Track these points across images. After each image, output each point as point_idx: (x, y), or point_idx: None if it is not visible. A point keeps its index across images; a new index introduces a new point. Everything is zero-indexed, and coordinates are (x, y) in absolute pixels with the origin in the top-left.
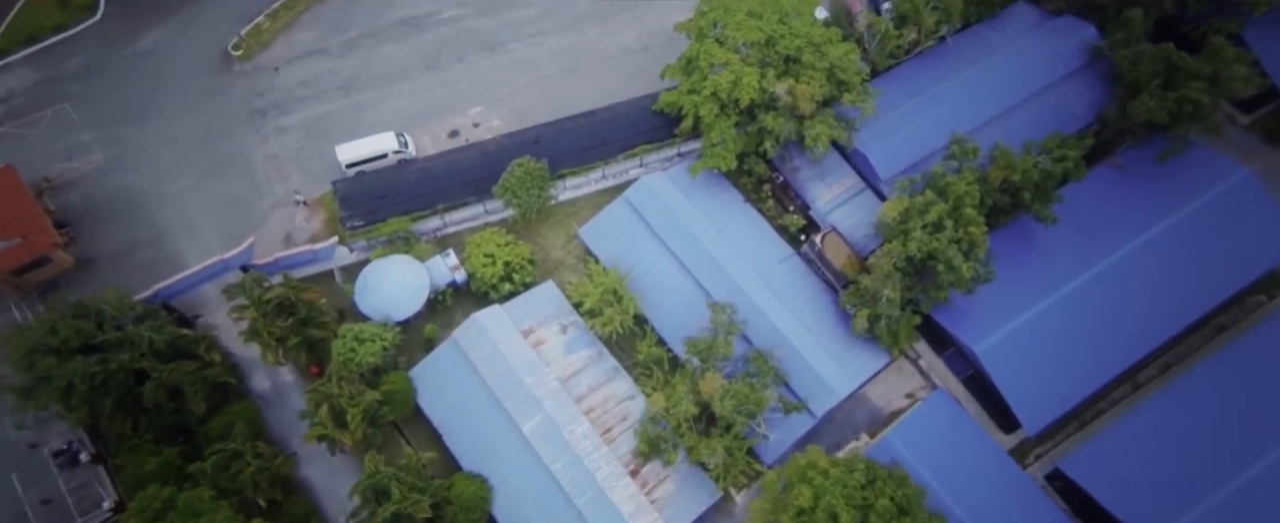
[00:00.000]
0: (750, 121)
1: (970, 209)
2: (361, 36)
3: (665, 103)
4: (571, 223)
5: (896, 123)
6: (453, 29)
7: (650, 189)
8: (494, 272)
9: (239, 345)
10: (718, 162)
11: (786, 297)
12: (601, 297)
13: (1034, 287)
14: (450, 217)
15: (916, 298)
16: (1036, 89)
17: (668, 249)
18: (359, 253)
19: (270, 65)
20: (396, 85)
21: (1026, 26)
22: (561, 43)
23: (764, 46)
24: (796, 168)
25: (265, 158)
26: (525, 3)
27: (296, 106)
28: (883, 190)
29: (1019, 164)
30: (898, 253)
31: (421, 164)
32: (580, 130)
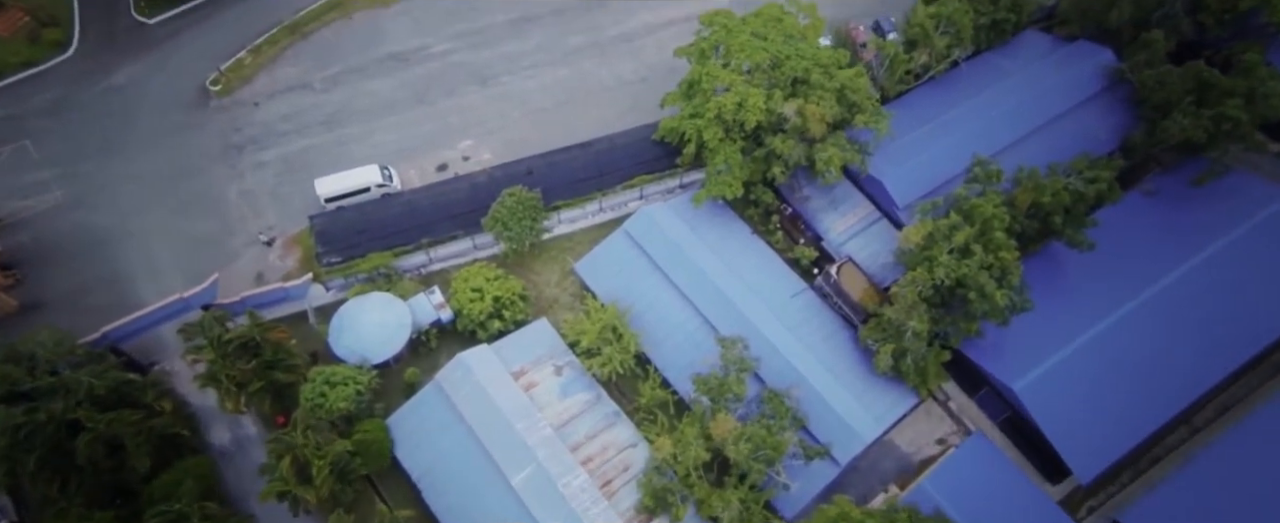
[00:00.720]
0: (757, 146)
1: (1000, 232)
2: (346, 72)
3: (666, 129)
4: (566, 258)
5: (911, 148)
6: (442, 63)
7: (651, 220)
8: (482, 308)
9: (197, 394)
10: (723, 189)
11: (802, 333)
12: (600, 334)
13: (1072, 319)
14: (436, 252)
15: (945, 331)
16: (1055, 114)
17: (671, 283)
18: (336, 292)
19: (250, 100)
20: (382, 119)
21: (1039, 53)
22: (556, 75)
23: (770, 69)
24: (806, 197)
25: (239, 194)
26: (519, 36)
27: (276, 141)
28: (900, 218)
29: (1048, 185)
30: (923, 281)
31: (406, 197)
32: (575, 161)
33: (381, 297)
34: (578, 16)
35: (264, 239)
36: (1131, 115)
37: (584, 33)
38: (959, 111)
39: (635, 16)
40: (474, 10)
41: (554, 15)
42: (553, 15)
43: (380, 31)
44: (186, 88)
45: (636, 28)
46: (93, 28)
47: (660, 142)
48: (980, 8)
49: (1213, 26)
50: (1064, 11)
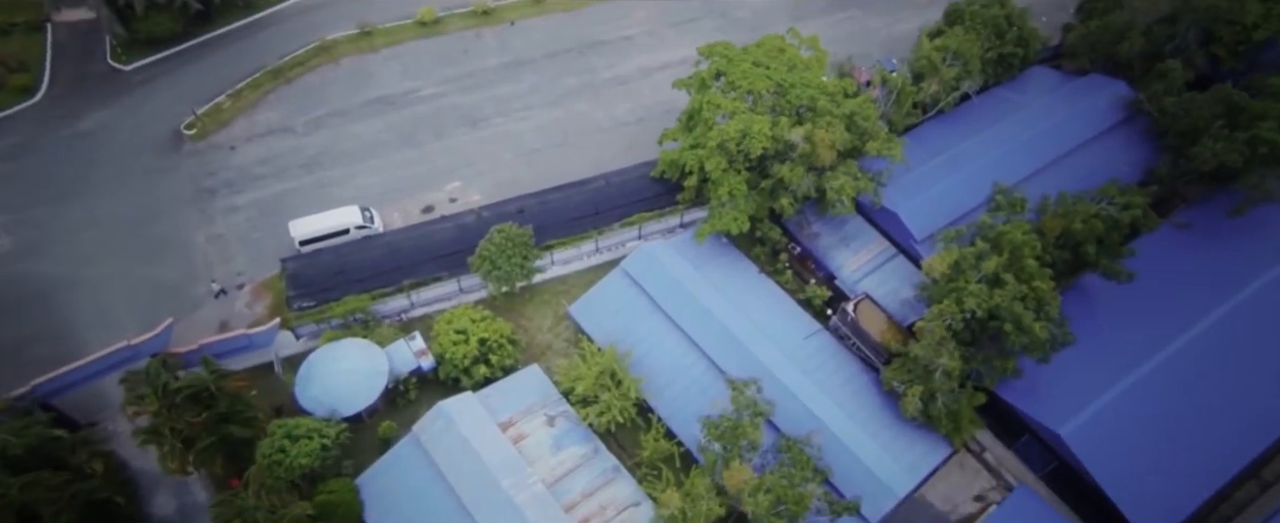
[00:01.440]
0: (762, 178)
1: (1032, 260)
2: (331, 115)
3: (666, 162)
4: (560, 302)
5: (925, 180)
6: (431, 106)
7: (651, 257)
8: (467, 352)
9: (142, 455)
10: (728, 223)
11: (819, 377)
12: (597, 380)
13: (1116, 358)
14: (419, 296)
15: (977, 371)
16: (1073, 145)
17: (674, 324)
18: (307, 340)
19: (226, 144)
20: (366, 162)
21: (1049, 87)
22: (549, 116)
23: (774, 96)
24: (815, 234)
25: (207, 239)
26: (511, 79)
27: (251, 185)
28: (918, 253)
29: (1079, 211)
30: (951, 314)
31: (388, 239)
32: (569, 200)
33: (355, 343)
34: (572, 60)
35: (216, 288)
36: (1152, 147)
37: (578, 75)
38: (973, 143)
39: (630, 60)
40: (465, 55)
41: (547, 59)
42: (546, 59)
43: (368, 76)
44: (158, 132)
45: (631, 71)
46: (63, 74)
47: (659, 178)
48: (986, 41)
49: (1227, 59)
50: (1072, 45)
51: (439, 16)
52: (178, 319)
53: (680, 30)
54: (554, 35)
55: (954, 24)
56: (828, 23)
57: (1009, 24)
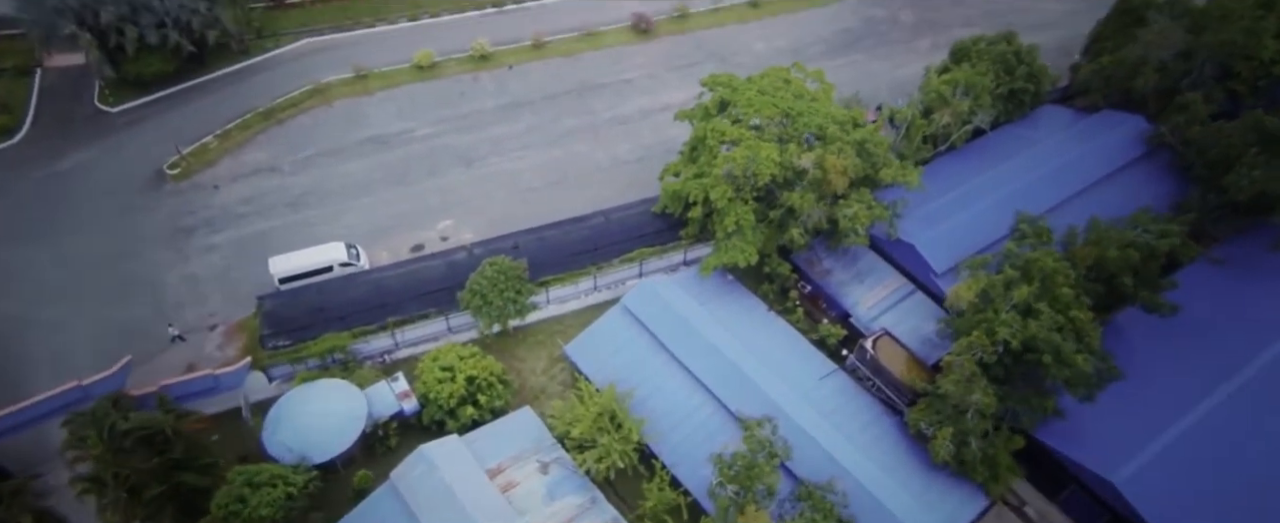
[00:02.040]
0: (771, 208)
1: (1067, 288)
2: (321, 155)
3: (668, 195)
4: (555, 343)
5: (941, 212)
6: (425, 146)
7: (654, 292)
8: (453, 391)
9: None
10: (735, 255)
11: (838, 420)
12: (595, 422)
13: (1168, 397)
14: (404, 336)
15: (1013, 410)
16: (1094, 179)
17: (679, 363)
18: (281, 381)
19: (209, 184)
20: (355, 200)
21: (1063, 124)
22: (547, 156)
23: (781, 124)
24: (827, 271)
25: (180, 279)
26: (508, 120)
27: (232, 224)
28: (938, 288)
29: (1114, 237)
30: (981, 346)
31: (374, 276)
32: (566, 237)
33: (332, 383)
34: (570, 101)
35: (173, 332)
36: (1177, 180)
37: (577, 116)
38: (989, 177)
39: (630, 101)
40: (462, 97)
41: (546, 100)
42: (545, 101)
43: (361, 117)
44: (140, 172)
45: (631, 112)
46: (47, 115)
47: (662, 214)
48: (996, 77)
49: (1246, 95)
50: (1084, 82)
51: (436, 61)
52: (141, 361)
53: (681, 74)
54: (553, 78)
55: (960, 62)
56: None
57: (1017, 60)
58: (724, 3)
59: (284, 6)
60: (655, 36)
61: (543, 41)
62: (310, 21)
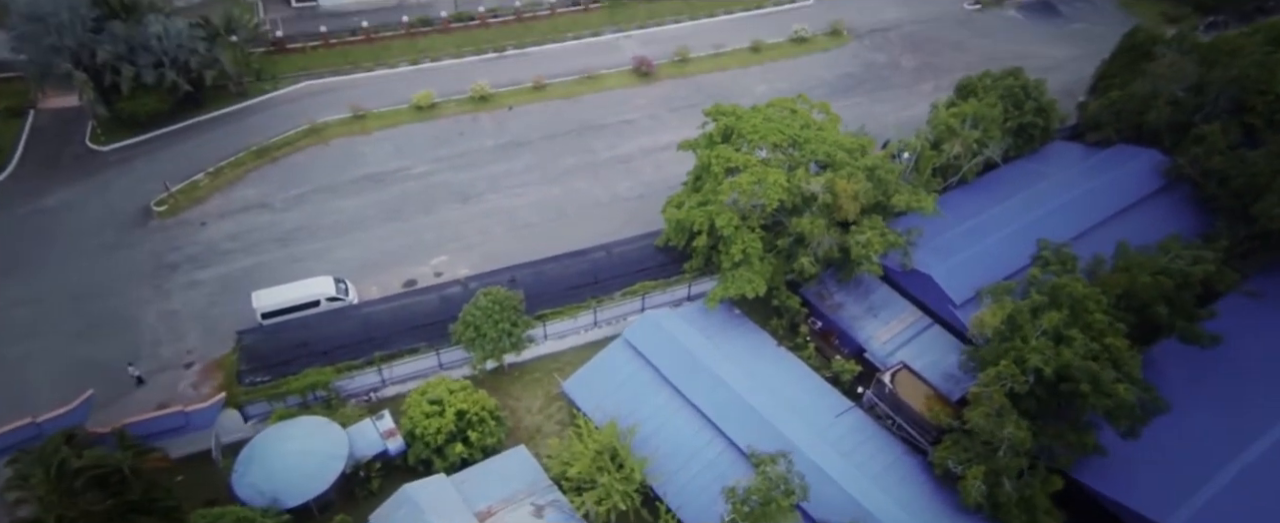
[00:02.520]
0: (779, 236)
1: (1100, 315)
2: (314, 191)
3: (672, 224)
4: (552, 381)
5: (957, 243)
6: (421, 183)
7: (657, 325)
8: (441, 426)
9: None
10: (742, 286)
11: (858, 459)
12: (594, 462)
13: (1218, 435)
14: (393, 372)
15: (1049, 448)
16: (1114, 210)
17: (685, 399)
18: (258, 421)
19: (197, 220)
20: (346, 236)
21: (1076, 158)
22: (546, 193)
23: (789, 150)
24: (838, 305)
25: (158, 316)
26: (507, 158)
27: (218, 260)
28: (958, 320)
29: (1145, 264)
30: (1011, 376)
31: (363, 311)
32: (566, 271)
33: (311, 420)
34: (571, 140)
35: (134, 373)
36: (1199, 213)
37: (577, 155)
38: (1005, 207)
39: (631, 141)
40: (460, 136)
41: (545, 140)
42: (544, 140)
43: (357, 155)
44: (126, 209)
45: (633, 150)
46: (36, 154)
47: (665, 247)
48: (1005, 111)
49: (1262, 129)
50: (1095, 116)
51: (435, 102)
52: (109, 401)
53: (682, 115)
54: (553, 119)
55: (967, 97)
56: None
57: (1025, 94)
58: (725, 48)
59: (284, 51)
60: (656, 80)
61: (543, 84)
62: (310, 66)
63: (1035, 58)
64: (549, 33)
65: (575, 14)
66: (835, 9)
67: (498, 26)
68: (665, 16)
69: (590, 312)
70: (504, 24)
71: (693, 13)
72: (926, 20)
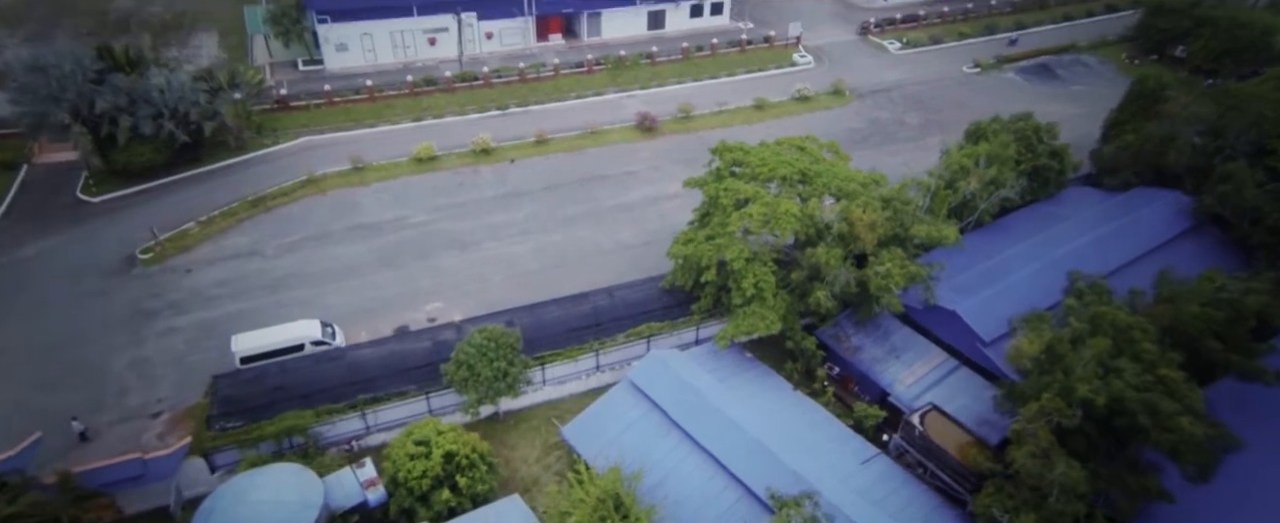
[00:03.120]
0: (792, 270)
1: (1149, 344)
2: (307, 239)
3: (679, 260)
4: (551, 429)
5: (980, 281)
6: (419, 231)
7: (664, 365)
8: (427, 469)
9: None
10: (755, 323)
11: (890, 507)
12: (596, 512)
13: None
14: (378, 417)
15: (1105, 495)
16: (1143, 250)
17: (695, 443)
18: (226, 472)
19: (182, 267)
20: (338, 282)
21: (1095, 200)
22: (547, 240)
23: (800, 183)
24: (857, 348)
25: (129, 364)
26: (507, 208)
27: (200, 306)
28: (987, 359)
29: (1193, 294)
30: (1056, 411)
31: (350, 356)
32: (566, 314)
33: (284, 468)
34: (573, 190)
35: (78, 427)
36: (1234, 253)
37: (579, 204)
38: (1028, 246)
39: (635, 191)
40: (460, 187)
41: (547, 190)
42: (546, 191)
43: (354, 206)
44: (109, 257)
45: (636, 200)
46: (24, 203)
47: (671, 289)
48: (1018, 152)
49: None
50: (1110, 159)
51: (436, 155)
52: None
53: (686, 166)
54: (555, 170)
55: (979, 141)
56: None
57: (1038, 137)
58: (728, 105)
59: (287, 109)
60: (659, 135)
61: (546, 138)
62: (312, 123)
63: (1038, 115)
64: (552, 93)
65: (578, 75)
66: (835, 72)
67: (501, 86)
68: (668, 78)
69: (592, 355)
70: (507, 84)
71: (696, 75)
72: (927, 81)
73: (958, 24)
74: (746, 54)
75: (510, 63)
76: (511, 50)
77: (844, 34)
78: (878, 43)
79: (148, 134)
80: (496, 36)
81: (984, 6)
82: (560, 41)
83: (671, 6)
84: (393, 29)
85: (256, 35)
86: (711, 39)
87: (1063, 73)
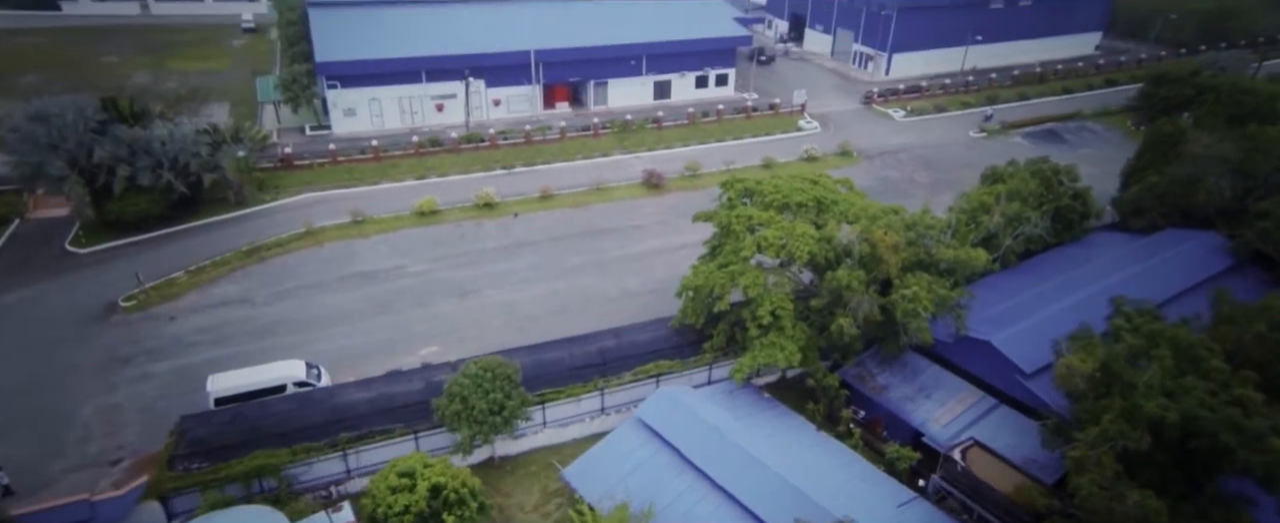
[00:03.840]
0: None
1: (1218, 362)
2: (301, 288)
3: (689, 294)
4: (550, 475)
5: (1010, 315)
6: (417, 280)
7: (676, 401)
8: (411, 503)
9: None
10: (774, 354)
11: None
12: None
13: None
14: (361, 459)
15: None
16: (1183, 286)
17: (711, 482)
18: (186, 518)
19: (165, 316)
20: (330, 328)
21: (1121, 241)
22: (549, 287)
23: (816, 211)
24: (883, 387)
25: (96, 410)
26: (509, 257)
27: (179, 353)
28: (1030, 395)
29: (1259, 311)
30: (1120, 434)
31: (335, 396)
32: (570, 355)
33: (249, 511)
34: (578, 241)
35: (2, 481)
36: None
37: (584, 254)
38: (1060, 282)
39: (642, 242)
40: (462, 238)
41: (552, 241)
42: (550, 241)
43: (351, 256)
44: (90, 305)
45: (643, 250)
46: (11, 255)
47: (681, 329)
48: (1040, 193)
49: None
50: (1136, 200)
51: (439, 209)
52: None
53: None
54: (561, 223)
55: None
56: None
57: (1058, 178)
58: (737, 164)
59: (291, 167)
60: (667, 192)
61: (551, 194)
62: (316, 181)
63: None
64: (558, 154)
65: (584, 138)
66: (842, 136)
67: (508, 148)
68: (674, 142)
69: (596, 395)
70: (514, 146)
71: (702, 139)
72: (934, 145)
73: (959, 95)
74: (753, 120)
75: (516, 125)
76: (518, 117)
77: (848, 104)
78: (882, 111)
79: (145, 185)
80: (504, 104)
81: (984, 80)
82: (567, 110)
83: (677, 77)
84: (401, 95)
85: (266, 104)
86: (718, 106)
87: (1070, 137)
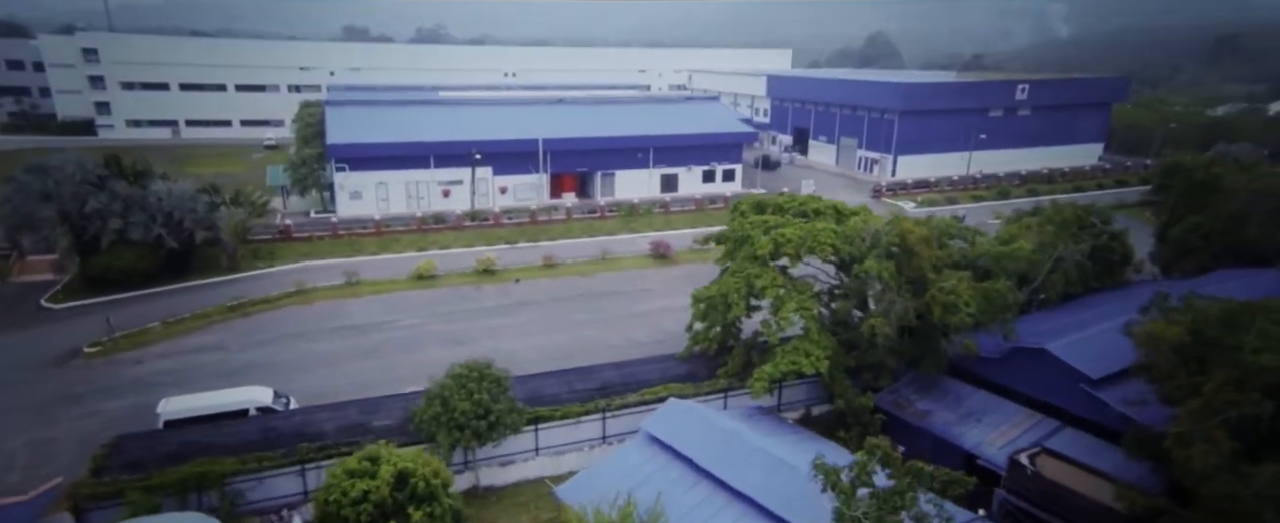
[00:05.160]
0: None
1: None
2: (282, 337)
3: (699, 305)
4: (541, 505)
5: (1066, 329)
6: (408, 332)
7: (688, 411)
8: (371, 490)
9: None
10: (798, 360)
11: None
12: None
13: None
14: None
15: None
16: None
17: (733, 492)
18: None
19: (131, 360)
20: (308, 372)
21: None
22: (550, 339)
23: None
24: (925, 412)
25: (26, 443)
26: (507, 311)
27: (135, 392)
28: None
29: None
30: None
31: (299, 418)
32: (569, 387)
33: (179, 518)
34: (581, 301)
35: None
36: None
37: (588, 312)
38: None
39: (650, 302)
40: (460, 298)
41: (553, 301)
42: (552, 301)
43: (342, 312)
44: (53, 352)
45: (652, 309)
46: None
47: (690, 359)
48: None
49: None
50: (1180, 240)
51: (438, 273)
52: None
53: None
54: (564, 288)
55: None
56: None
57: (1089, 217)
58: None
59: (289, 239)
60: (675, 263)
61: (555, 262)
62: (314, 253)
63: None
64: (563, 234)
65: (591, 221)
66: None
67: (512, 227)
68: (681, 226)
69: (597, 418)
70: (519, 225)
71: (710, 224)
72: None
73: (969, 191)
74: None
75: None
76: (524, 206)
77: (857, 197)
78: (892, 203)
79: (135, 239)
80: (510, 192)
81: (991, 179)
82: (573, 201)
83: (684, 171)
84: (408, 180)
85: (274, 189)
86: (725, 195)
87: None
